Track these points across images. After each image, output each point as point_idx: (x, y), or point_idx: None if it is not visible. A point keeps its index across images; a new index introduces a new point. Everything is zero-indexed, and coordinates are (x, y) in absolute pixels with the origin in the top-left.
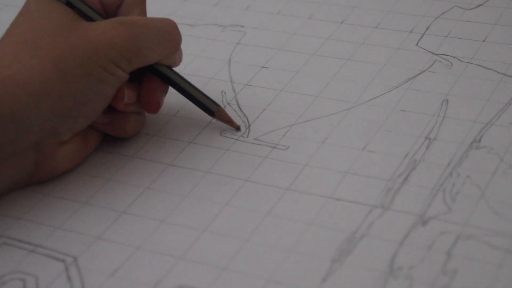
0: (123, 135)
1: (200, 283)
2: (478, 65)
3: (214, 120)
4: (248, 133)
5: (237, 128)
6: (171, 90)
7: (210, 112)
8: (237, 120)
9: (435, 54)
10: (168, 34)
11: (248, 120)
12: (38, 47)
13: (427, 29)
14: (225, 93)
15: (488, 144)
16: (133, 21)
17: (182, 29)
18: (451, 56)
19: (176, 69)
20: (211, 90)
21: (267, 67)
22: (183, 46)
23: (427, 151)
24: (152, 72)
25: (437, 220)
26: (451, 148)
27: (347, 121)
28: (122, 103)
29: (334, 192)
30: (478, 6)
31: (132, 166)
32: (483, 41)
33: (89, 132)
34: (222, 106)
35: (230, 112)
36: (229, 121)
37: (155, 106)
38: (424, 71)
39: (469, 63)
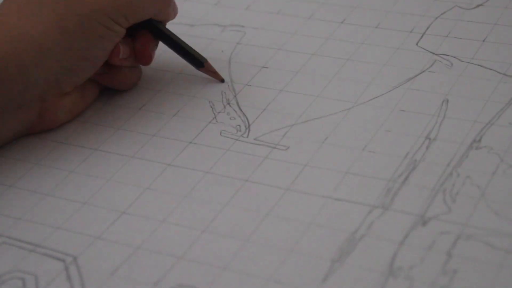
0: (119, 87)
1: (200, 282)
2: (478, 65)
3: (214, 120)
4: (248, 133)
5: (222, 80)
6: (173, 90)
7: (199, 64)
8: (237, 120)
9: (435, 54)
10: None
11: (248, 120)
12: (40, 6)
13: (427, 29)
14: (225, 93)
15: (488, 144)
16: None
17: (182, 29)
18: (451, 56)
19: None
20: (211, 90)
21: (267, 67)
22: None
23: (427, 151)
24: (145, 27)
25: (437, 220)
26: (451, 148)
27: (347, 121)
28: (118, 58)
29: (334, 192)
30: (478, 6)
31: (132, 166)
32: (483, 41)
33: (87, 87)
34: (223, 106)
35: (230, 112)
36: (214, 73)
37: (148, 58)
38: (424, 71)
39: (469, 63)
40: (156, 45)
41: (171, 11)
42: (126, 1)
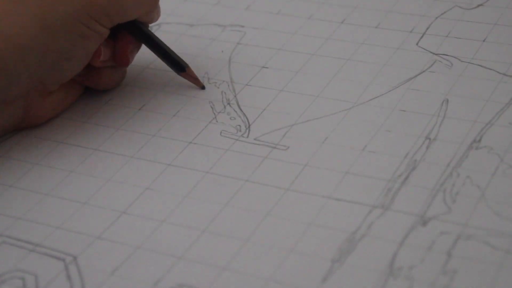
0: (98, 87)
1: (200, 282)
2: (478, 65)
3: (214, 120)
4: (248, 133)
5: (202, 87)
6: (172, 90)
7: (181, 68)
8: (237, 120)
9: (435, 54)
10: None
11: (248, 120)
12: (23, 3)
13: (427, 29)
14: (225, 93)
15: (488, 144)
16: None
17: (182, 29)
18: (451, 56)
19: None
20: (211, 90)
21: (267, 67)
22: (183, 45)
23: (427, 151)
24: (128, 29)
25: (437, 220)
26: (451, 148)
27: (347, 121)
28: (98, 60)
29: (334, 192)
30: (478, 6)
31: (132, 166)
32: (483, 41)
33: (71, 85)
34: (223, 106)
35: (230, 112)
36: (195, 79)
37: (125, 61)
38: (424, 71)
39: (469, 63)
40: (138, 47)
41: (155, 14)
42: (110, 2)
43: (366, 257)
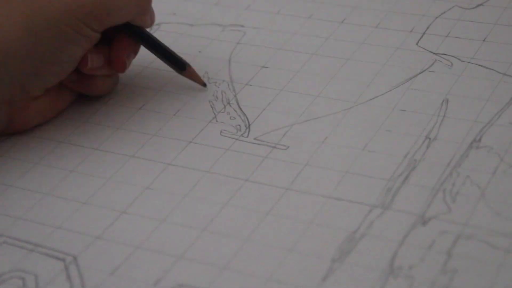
0: (91, 93)
1: (200, 282)
2: (478, 65)
3: (214, 120)
4: (248, 133)
5: (204, 85)
6: (172, 90)
7: (182, 67)
8: (237, 119)
9: (435, 53)
10: None
11: (248, 120)
12: (10, 6)
13: (427, 28)
14: (225, 92)
15: (488, 144)
16: None
17: (182, 29)
18: (451, 56)
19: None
20: (211, 90)
21: (267, 67)
22: (183, 44)
23: (427, 150)
24: (125, 31)
25: (437, 219)
26: (451, 147)
27: (347, 120)
28: (86, 67)
29: (334, 192)
30: (478, 5)
31: (132, 166)
32: (483, 40)
33: (61, 90)
34: (223, 105)
35: (230, 111)
36: (197, 77)
37: (121, 66)
38: (424, 70)
39: (469, 62)
40: (135, 52)
41: (148, 18)
42: (99, 3)
43: (366, 257)
